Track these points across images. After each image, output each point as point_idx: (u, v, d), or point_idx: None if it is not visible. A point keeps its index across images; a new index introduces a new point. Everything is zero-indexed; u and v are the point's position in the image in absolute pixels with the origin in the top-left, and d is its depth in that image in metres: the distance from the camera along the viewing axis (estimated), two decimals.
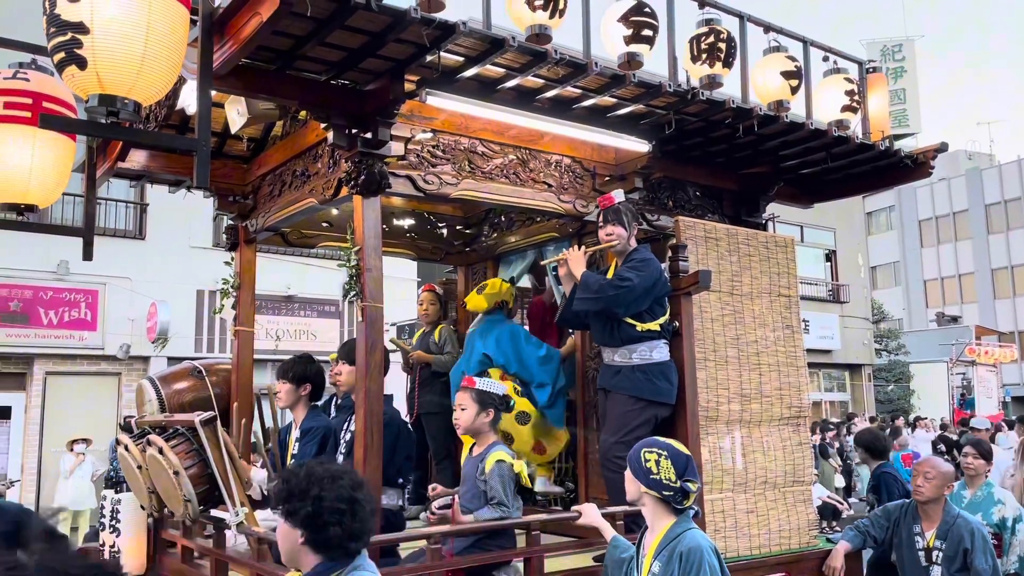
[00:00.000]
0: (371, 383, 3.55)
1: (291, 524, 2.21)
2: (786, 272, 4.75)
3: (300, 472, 2.27)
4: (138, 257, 12.88)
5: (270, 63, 3.43)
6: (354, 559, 2.23)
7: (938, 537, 4.08)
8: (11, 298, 12.00)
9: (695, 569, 2.71)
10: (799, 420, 4.64)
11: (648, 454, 2.86)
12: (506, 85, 3.72)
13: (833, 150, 4.75)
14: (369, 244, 3.63)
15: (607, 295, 3.93)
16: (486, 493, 3.42)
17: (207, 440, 3.43)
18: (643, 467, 2.84)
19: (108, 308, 12.71)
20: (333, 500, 2.18)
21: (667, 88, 3.82)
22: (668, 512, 2.85)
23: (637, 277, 3.93)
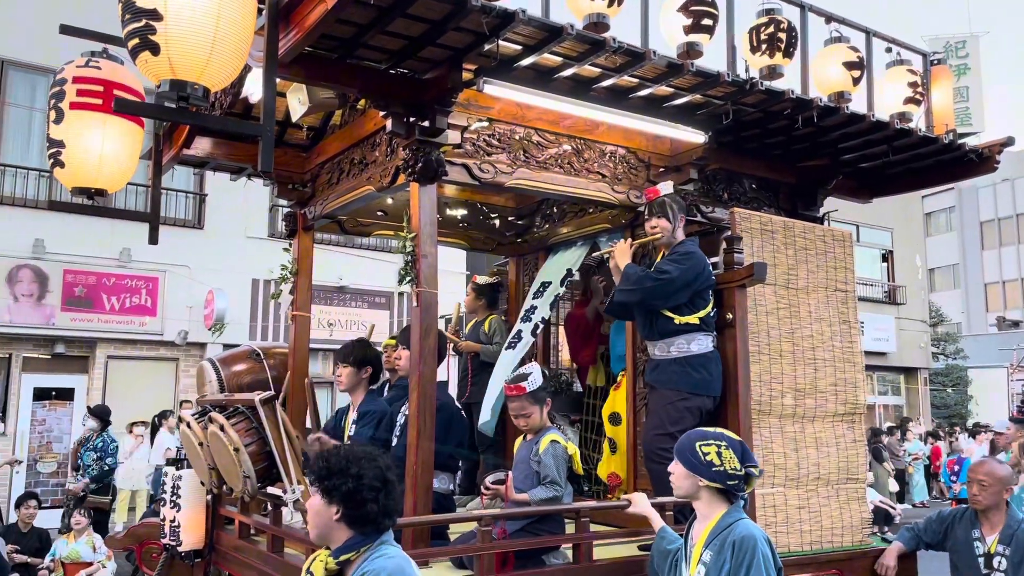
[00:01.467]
0: (425, 367, 3.60)
1: (328, 500, 2.33)
2: (843, 267, 4.67)
3: (339, 452, 2.39)
4: (196, 246, 13.20)
5: (332, 51, 3.50)
6: (382, 535, 2.35)
7: (1001, 542, 3.94)
8: (76, 283, 12.39)
9: (747, 558, 2.68)
10: (854, 417, 4.56)
11: (706, 447, 2.83)
12: (563, 74, 3.73)
13: (895, 143, 4.65)
14: (425, 231, 3.69)
15: (644, 287, 3.92)
16: (539, 474, 3.45)
17: (266, 418, 3.52)
18: (703, 461, 2.80)
19: (167, 295, 13.05)
20: (371, 478, 2.32)
21: (725, 78, 3.79)
22: (722, 501, 2.84)
23: (677, 270, 3.91)
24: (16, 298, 11.94)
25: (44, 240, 11.99)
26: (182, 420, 4.03)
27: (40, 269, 12.10)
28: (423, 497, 3.49)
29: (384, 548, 2.35)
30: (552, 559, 3.47)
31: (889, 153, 4.75)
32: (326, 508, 2.34)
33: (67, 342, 12.57)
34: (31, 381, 12.47)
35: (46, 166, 11.87)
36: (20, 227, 11.91)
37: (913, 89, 4.63)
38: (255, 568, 3.86)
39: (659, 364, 4.06)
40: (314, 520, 2.37)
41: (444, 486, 3.94)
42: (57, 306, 12.18)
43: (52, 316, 12.17)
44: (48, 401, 12.50)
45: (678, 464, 2.86)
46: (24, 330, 12.10)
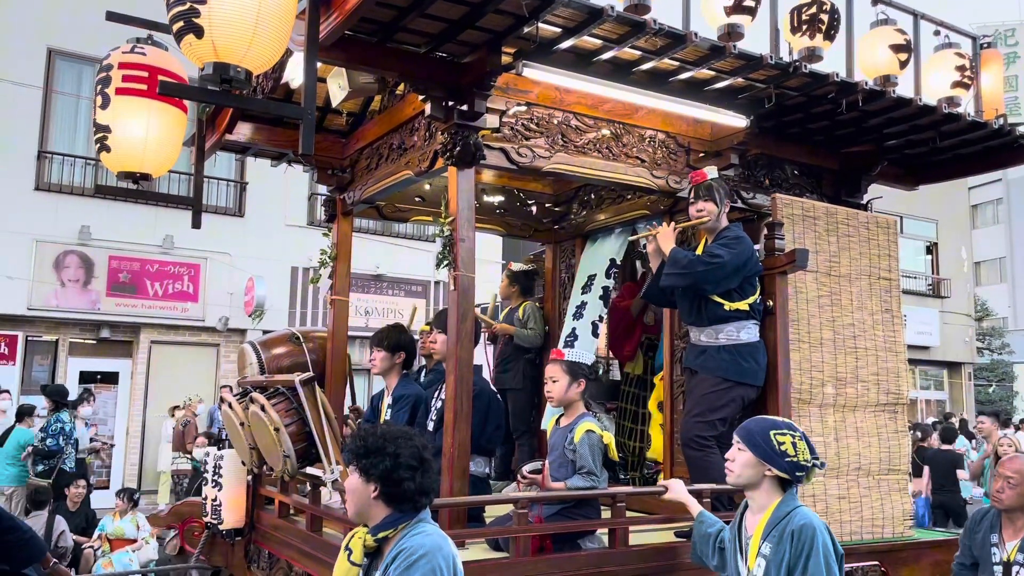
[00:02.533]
0: (462, 351, 3.61)
1: (366, 479, 2.35)
2: (887, 255, 4.59)
3: (376, 431, 2.41)
4: (237, 233, 13.40)
5: (372, 35, 3.51)
6: (419, 513, 2.37)
7: (1021, 550, 3.48)
8: (121, 269, 12.65)
9: (807, 547, 2.60)
10: (896, 407, 4.49)
11: (781, 437, 2.74)
12: (602, 57, 3.71)
13: (942, 128, 4.54)
14: (463, 215, 3.69)
15: (696, 271, 3.88)
16: (575, 463, 3.44)
17: (306, 399, 3.57)
18: (777, 450, 2.71)
19: (209, 281, 13.26)
20: (408, 457, 2.34)
21: (768, 61, 3.74)
22: (779, 491, 2.77)
23: (728, 254, 3.87)
24: (63, 283, 12.20)
25: (90, 227, 12.26)
26: (224, 401, 4.09)
27: (86, 255, 12.37)
28: (460, 479, 3.51)
29: (422, 526, 2.37)
30: (588, 543, 3.47)
31: (936, 139, 4.64)
32: (364, 486, 2.36)
33: (112, 327, 12.83)
34: (77, 365, 12.75)
35: (92, 153, 12.24)
36: (67, 214, 12.17)
37: (961, 73, 4.52)
38: (294, 547, 3.92)
39: (705, 350, 4.02)
40: (352, 498, 2.39)
41: (480, 470, 3.96)
42: (102, 291, 12.44)
43: (97, 301, 12.45)
44: (94, 384, 12.77)
45: (746, 451, 2.76)
46: (71, 315, 12.37)
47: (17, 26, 12.11)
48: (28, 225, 11.81)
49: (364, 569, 2.36)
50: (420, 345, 4.79)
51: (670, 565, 3.52)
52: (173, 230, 12.56)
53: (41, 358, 12.57)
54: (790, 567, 2.60)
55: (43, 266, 12.04)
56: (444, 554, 2.29)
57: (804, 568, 2.58)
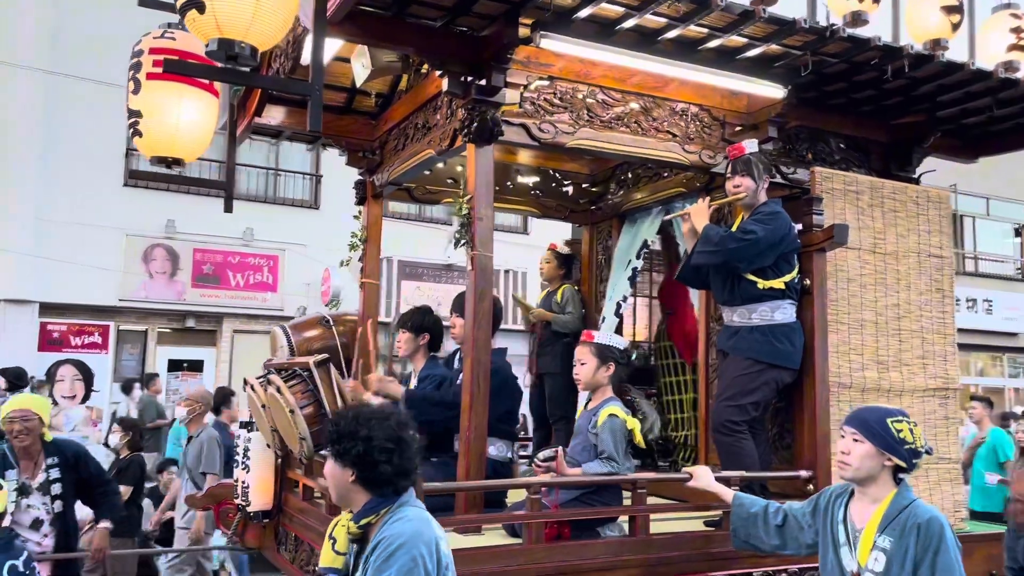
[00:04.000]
0: (479, 332, 3.53)
1: (342, 464, 2.27)
2: (938, 231, 4.33)
3: (349, 414, 2.33)
4: (313, 225, 13.59)
5: (386, 9, 3.43)
6: (401, 496, 2.28)
7: None
8: (204, 262, 13.12)
9: (936, 542, 2.46)
10: (947, 393, 4.23)
11: (898, 424, 2.61)
12: (624, 26, 3.55)
13: (999, 95, 4.25)
14: (480, 193, 3.60)
15: (728, 247, 3.71)
16: (596, 447, 3.33)
17: (320, 381, 3.53)
18: (896, 438, 2.58)
19: (286, 272, 13.58)
20: (382, 439, 2.24)
21: (802, 25, 3.52)
22: (892, 482, 2.63)
23: (762, 230, 3.68)
24: (151, 275, 12.69)
25: (175, 221, 12.67)
26: (247, 383, 4.10)
27: (172, 248, 12.82)
28: (476, 463, 3.43)
29: (403, 511, 2.26)
30: (608, 531, 3.35)
31: (993, 107, 4.34)
32: (341, 471, 2.28)
33: (197, 316, 13.24)
34: (165, 353, 13.21)
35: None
36: (154, 208, 12.59)
37: (1017, 35, 4.19)
38: (316, 530, 3.90)
39: (738, 331, 3.85)
40: (332, 484, 2.33)
41: (501, 453, 3.88)
42: (187, 283, 12.88)
43: (183, 292, 12.89)
44: (180, 372, 13.20)
45: (864, 442, 2.59)
46: (158, 305, 12.83)
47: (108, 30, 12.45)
48: (118, 220, 12.22)
49: (352, 555, 2.30)
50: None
51: (695, 555, 3.37)
52: (253, 223, 12.96)
53: (131, 347, 13.06)
54: (916, 562, 2.46)
55: (132, 259, 12.51)
56: (425, 540, 2.20)
57: (932, 563, 2.44)
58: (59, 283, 11.69)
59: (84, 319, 12.41)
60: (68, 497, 4.45)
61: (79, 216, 11.70)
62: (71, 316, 12.28)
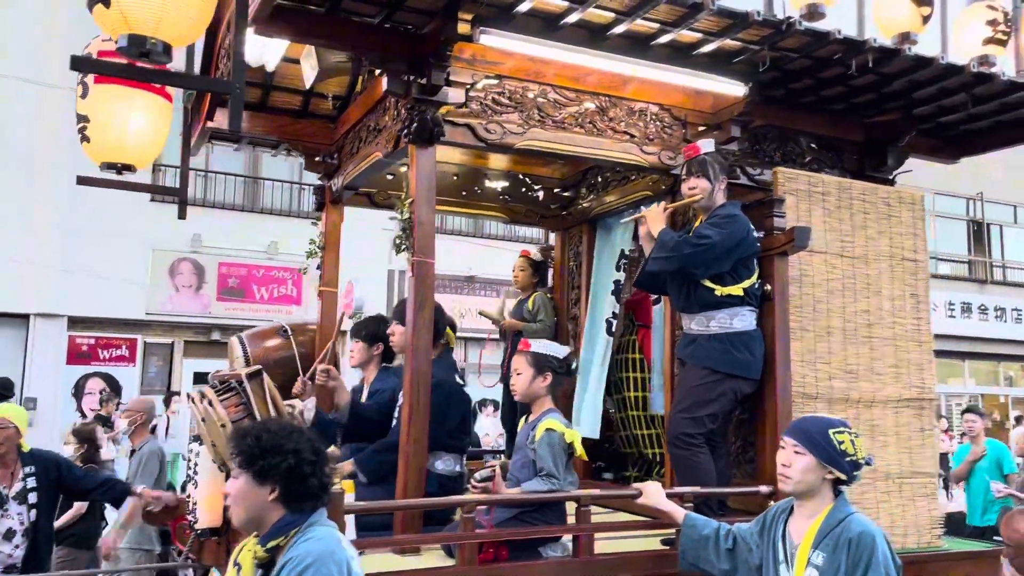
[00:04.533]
0: (419, 340, 3.38)
1: (261, 481, 2.15)
2: (912, 233, 4.13)
3: (265, 429, 2.22)
4: None
5: (319, 5, 3.30)
6: (312, 515, 2.18)
7: None
8: (230, 275, 13.13)
9: (865, 557, 2.36)
10: (923, 404, 4.03)
11: (840, 435, 2.51)
12: (569, 21, 3.40)
13: (974, 91, 4.06)
14: (422, 196, 3.45)
15: (683, 253, 3.54)
16: (535, 463, 3.15)
17: (253, 394, 3.38)
18: (838, 450, 2.48)
19: (311, 285, 13.47)
20: (308, 452, 2.18)
21: (755, 18, 3.36)
22: (831, 495, 2.53)
23: (718, 234, 3.51)
24: (177, 289, 12.71)
25: (201, 235, 12.67)
26: (190, 396, 3.95)
27: (198, 262, 12.83)
28: (415, 479, 3.27)
29: (313, 530, 2.16)
30: (549, 551, 3.17)
31: (969, 103, 4.15)
32: (258, 490, 2.15)
33: (222, 329, 13.15)
34: (191, 366, 13.14)
35: (202, 165, 12.61)
36: (180, 223, 12.31)
37: (993, 28, 4.02)
38: None
39: (696, 339, 3.68)
40: (242, 505, 2.18)
41: (449, 468, 3.71)
42: (213, 296, 12.89)
43: (209, 305, 12.89)
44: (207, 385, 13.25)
45: (805, 454, 2.49)
46: (184, 318, 12.84)
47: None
48: (145, 234, 12.26)
49: None
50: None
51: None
52: (277, 237, 12.97)
53: (158, 360, 13.08)
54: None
55: (159, 273, 12.57)
56: (336, 559, 2.09)
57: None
58: (87, 297, 11.78)
59: (112, 332, 12.49)
60: (44, 507, 4.40)
61: (107, 230, 11.80)
62: (99, 330, 12.34)
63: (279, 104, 4.78)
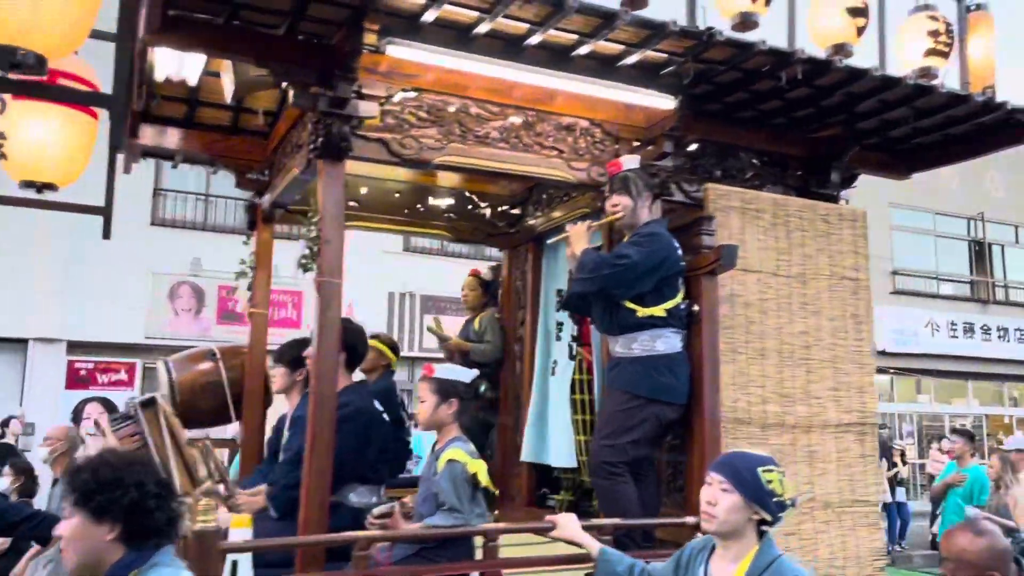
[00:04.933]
0: (322, 366, 3.20)
1: (97, 519, 1.97)
2: (852, 251, 3.99)
3: (103, 462, 2.05)
4: None
5: (217, 15, 3.16)
6: (157, 552, 2.01)
7: None
8: (229, 299, 13.02)
9: None
10: (864, 429, 3.87)
11: (768, 474, 2.36)
12: (480, 31, 3.26)
13: (915, 104, 3.93)
14: (330, 214, 3.29)
15: (602, 274, 3.39)
16: (438, 496, 2.98)
17: (147, 423, 3.22)
18: (766, 490, 2.34)
19: (310, 308, 13.24)
20: (153, 485, 2.03)
21: (673, 28, 3.22)
22: (756, 536, 2.38)
23: (638, 254, 3.36)
24: (176, 312, 12.66)
25: (201, 258, 12.60)
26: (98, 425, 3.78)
27: (197, 285, 12.78)
28: (316, 513, 3.08)
29: (156, 571, 1.98)
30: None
31: (911, 117, 4.02)
32: (95, 529, 1.98)
33: None
34: None
35: (202, 189, 12.49)
36: (179, 246, 12.58)
37: (935, 39, 3.89)
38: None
39: (619, 362, 3.52)
40: (78, 545, 2.00)
41: (365, 500, 3.53)
42: (213, 319, 12.82)
43: (208, 329, 12.77)
44: None
45: (733, 493, 2.34)
46: (184, 342, 12.60)
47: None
48: (145, 258, 12.20)
49: None
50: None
51: None
52: (278, 259, 12.66)
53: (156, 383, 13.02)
54: None
55: (159, 297, 12.53)
56: None
57: None
58: (86, 322, 11.70)
59: (111, 357, 12.40)
60: None
61: (107, 255, 11.54)
62: (98, 354, 12.25)
63: (208, 120, 4.64)
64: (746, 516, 2.35)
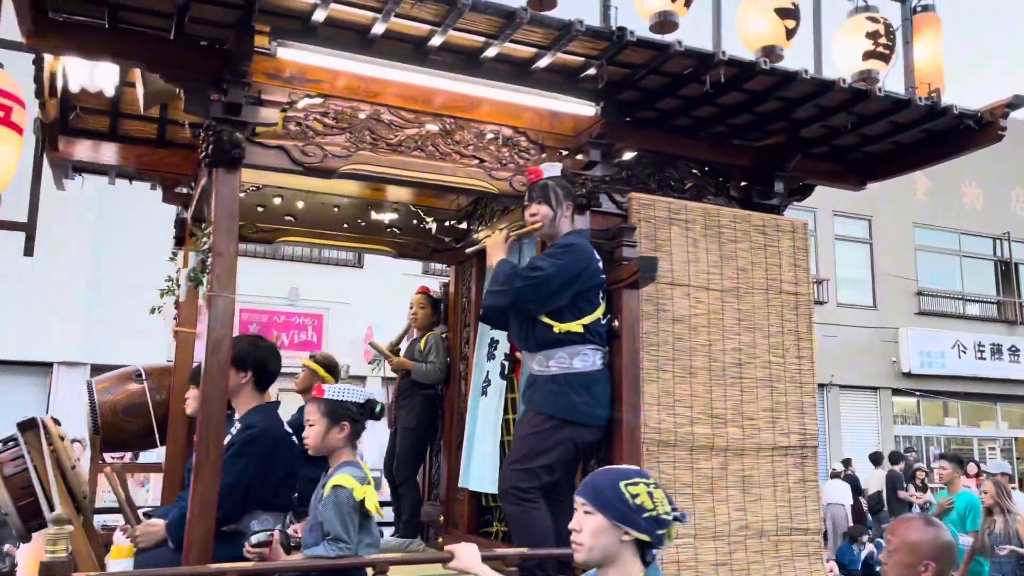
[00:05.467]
0: (211, 387, 3.02)
1: None
2: (792, 264, 3.79)
3: None
4: (357, 284, 13.60)
5: (98, 17, 3.01)
6: None
7: None
8: (251, 321, 13.07)
9: None
10: (804, 452, 3.65)
11: (633, 488, 2.10)
12: (377, 32, 3.10)
13: (855, 109, 3.74)
14: (222, 225, 3.13)
15: (514, 287, 3.20)
16: (323, 525, 2.78)
17: (29, 447, 3.04)
18: (632, 505, 2.08)
19: (331, 331, 13.56)
20: None
21: (578, 28, 3.05)
22: (638, 561, 2.12)
23: (552, 266, 3.17)
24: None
25: None
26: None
27: None
28: (199, 542, 2.89)
29: None
30: None
31: (848, 124, 3.84)
32: None
33: None
34: None
35: None
36: None
37: (874, 41, 3.71)
38: None
39: (535, 381, 3.33)
40: None
41: (266, 528, 3.32)
42: None
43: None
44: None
45: (595, 514, 2.10)
46: None
47: None
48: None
49: None
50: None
51: None
52: (298, 282, 13.01)
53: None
54: None
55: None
56: None
57: None
58: (110, 345, 11.65)
59: None
60: None
61: (129, 278, 11.61)
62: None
63: (135, 133, 4.50)
64: (616, 538, 2.09)
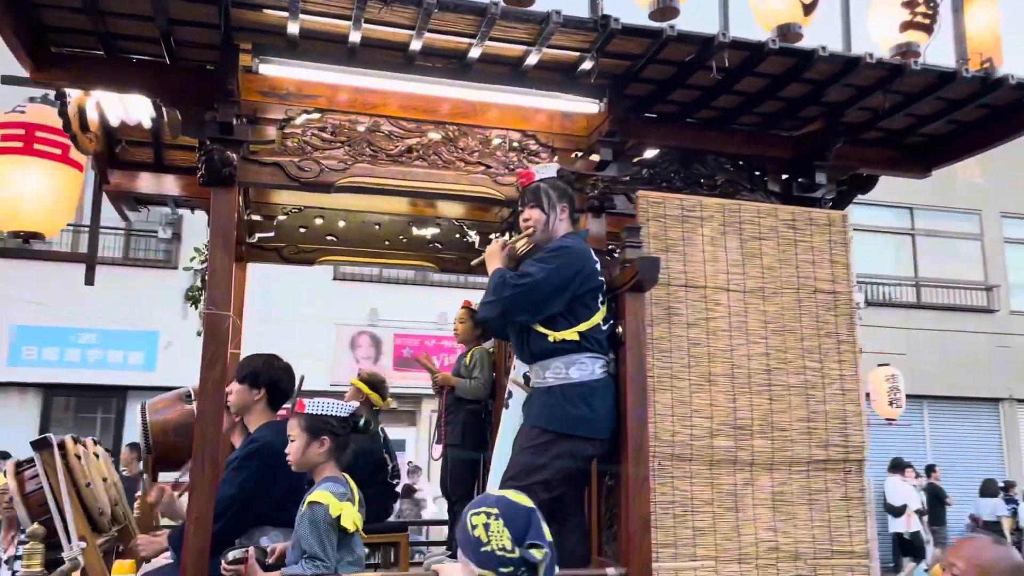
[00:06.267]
0: (207, 403, 3.04)
1: None
2: (828, 260, 3.46)
3: None
4: None
5: (94, 48, 3.13)
6: None
7: None
8: (404, 346, 13.69)
9: None
10: (848, 466, 3.30)
11: (475, 518, 1.98)
12: (355, 41, 3.07)
13: (891, 87, 3.40)
14: (218, 242, 3.16)
15: (503, 296, 3.05)
16: (300, 543, 2.72)
17: (43, 464, 3.14)
18: (470, 537, 1.96)
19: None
20: None
21: (556, 20, 2.91)
22: None
23: (541, 271, 3.01)
24: (357, 360, 13.39)
25: (378, 309, 13.47)
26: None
27: (375, 335, 13.61)
28: (195, 560, 2.90)
29: None
30: None
31: (886, 104, 3.49)
32: None
33: (398, 398, 13.48)
34: None
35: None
36: (359, 299, 13.45)
37: (911, 10, 3.36)
38: None
39: (532, 393, 3.18)
40: None
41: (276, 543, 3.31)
42: (389, 367, 13.43)
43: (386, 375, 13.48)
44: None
45: (460, 551, 2.02)
46: None
47: None
48: (328, 311, 13.02)
49: None
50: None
51: None
52: (447, 307, 13.24)
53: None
54: None
55: (341, 346, 13.40)
56: None
57: None
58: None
59: None
60: None
61: (293, 310, 12.43)
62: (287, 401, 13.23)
63: (179, 162, 4.65)
64: (470, 573, 1.93)
